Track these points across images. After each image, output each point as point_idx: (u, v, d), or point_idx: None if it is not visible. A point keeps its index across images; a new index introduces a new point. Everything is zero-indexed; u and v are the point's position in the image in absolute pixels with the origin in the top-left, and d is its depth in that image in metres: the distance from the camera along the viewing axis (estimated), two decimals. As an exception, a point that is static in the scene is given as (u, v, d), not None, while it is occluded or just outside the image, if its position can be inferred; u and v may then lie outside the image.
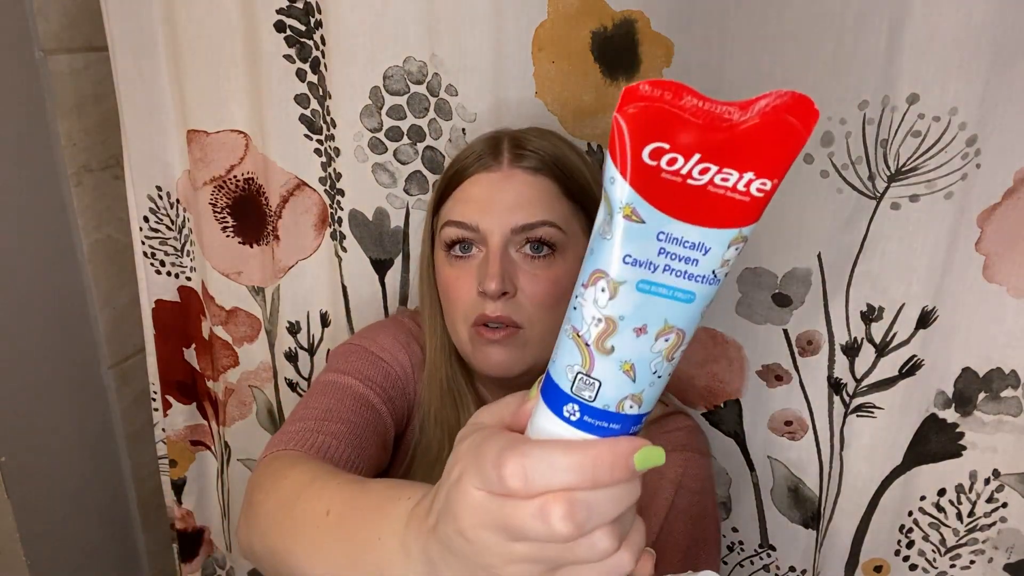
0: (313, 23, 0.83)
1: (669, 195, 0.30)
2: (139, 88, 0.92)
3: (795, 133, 0.28)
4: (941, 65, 0.65)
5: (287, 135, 0.88)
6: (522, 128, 0.70)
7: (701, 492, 0.72)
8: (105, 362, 1.06)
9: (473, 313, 0.66)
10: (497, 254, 0.64)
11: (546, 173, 0.66)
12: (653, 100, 0.29)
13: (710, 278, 0.32)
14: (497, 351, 0.66)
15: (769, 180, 0.29)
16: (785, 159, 0.29)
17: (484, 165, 0.66)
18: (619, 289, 0.31)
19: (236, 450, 1.07)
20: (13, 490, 0.94)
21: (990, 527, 0.81)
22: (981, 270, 0.72)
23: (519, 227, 0.64)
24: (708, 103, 0.29)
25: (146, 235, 0.99)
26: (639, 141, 0.29)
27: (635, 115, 0.29)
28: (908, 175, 0.70)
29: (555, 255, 0.66)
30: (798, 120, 0.28)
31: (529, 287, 0.65)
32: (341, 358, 0.72)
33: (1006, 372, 0.75)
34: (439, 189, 0.70)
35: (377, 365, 0.72)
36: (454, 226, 0.66)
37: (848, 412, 0.80)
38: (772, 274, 0.77)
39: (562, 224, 0.66)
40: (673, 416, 0.75)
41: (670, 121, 0.29)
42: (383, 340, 0.74)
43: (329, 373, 0.71)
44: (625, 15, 0.72)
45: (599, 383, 0.32)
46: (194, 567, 1.16)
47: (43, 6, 0.90)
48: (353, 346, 0.74)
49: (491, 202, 0.65)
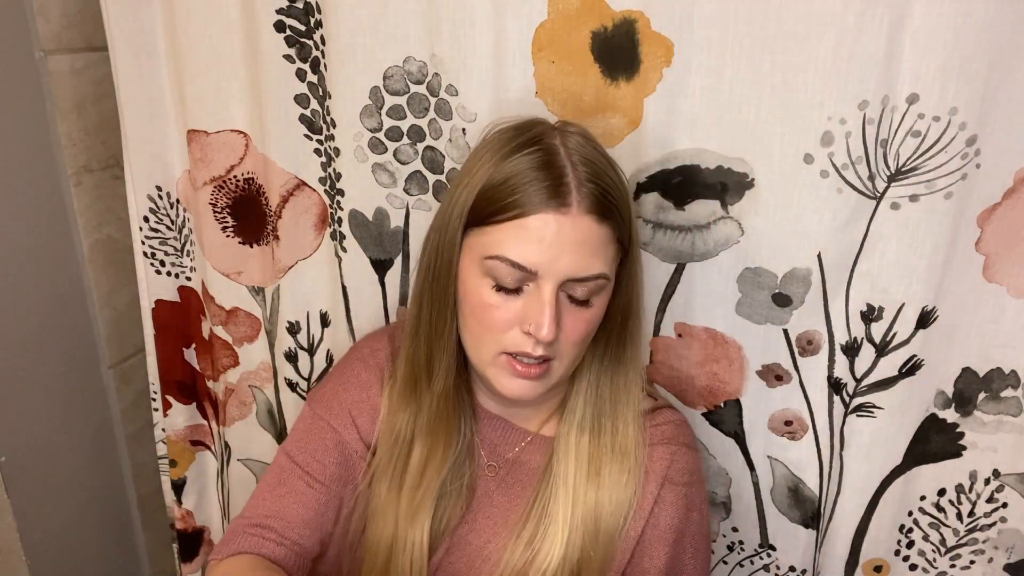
0: (313, 23, 0.83)
1: None
2: (139, 88, 0.92)
3: None
4: (941, 65, 0.65)
5: (287, 135, 0.88)
6: (568, 131, 0.66)
7: (687, 485, 0.74)
8: (105, 362, 1.06)
9: (512, 346, 0.65)
10: (552, 301, 0.63)
11: (610, 219, 0.64)
12: None
13: None
14: (526, 384, 0.66)
15: None
16: None
17: (554, 206, 0.61)
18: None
19: (236, 450, 1.07)
20: (13, 490, 0.94)
21: (990, 527, 0.81)
22: (981, 270, 0.72)
23: (577, 278, 0.63)
24: None
25: (146, 235, 0.99)
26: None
27: None
28: (908, 175, 0.70)
29: (595, 297, 0.66)
30: None
31: (570, 329, 0.65)
32: (301, 435, 0.77)
33: (1006, 372, 0.75)
34: (485, 205, 0.64)
35: (338, 447, 0.75)
36: (511, 265, 0.62)
37: (848, 412, 0.80)
38: (772, 274, 0.77)
39: (610, 272, 0.66)
40: (661, 410, 0.77)
41: None
42: (350, 397, 0.77)
43: (285, 452, 0.76)
44: (625, 15, 0.72)
45: None
46: (194, 567, 1.16)
47: (43, 6, 0.90)
48: (316, 420, 0.77)
49: (556, 248, 0.62)
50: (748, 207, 0.75)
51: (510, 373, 0.66)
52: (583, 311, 0.66)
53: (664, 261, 0.80)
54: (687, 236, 0.78)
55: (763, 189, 0.73)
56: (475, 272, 0.65)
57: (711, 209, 0.76)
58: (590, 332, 0.67)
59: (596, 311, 0.67)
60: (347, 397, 0.77)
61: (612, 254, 0.66)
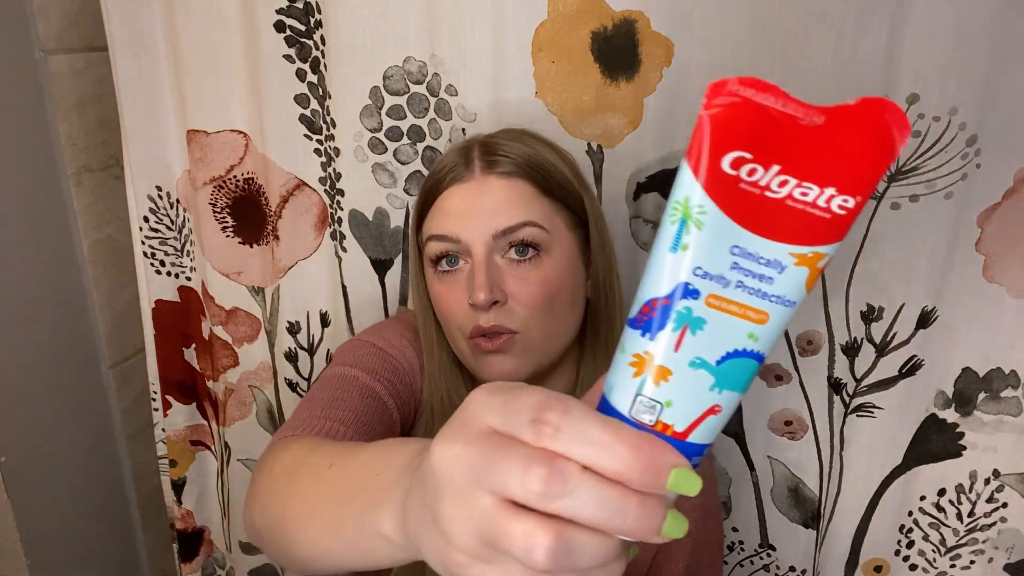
0: (313, 23, 0.83)
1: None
2: (139, 88, 0.92)
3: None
4: (941, 65, 0.65)
5: (287, 135, 0.88)
6: (493, 132, 0.70)
7: (704, 493, 0.73)
8: (105, 362, 1.06)
9: (468, 325, 0.65)
10: (483, 263, 0.64)
11: (520, 175, 0.65)
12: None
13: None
14: (498, 359, 0.65)
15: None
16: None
17: (457, 176, 0.66)
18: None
19: (236, 450, 1.07)
20: (13, 490, 0.94)
21: (990, 527, 0.81)
22: (981, 270, 0.72)
23: (500, 232, 0.64)
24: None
25: (146, 235, 0.99)
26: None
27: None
28: (908, 175, 0.70)
29: (541, 255, 0.65)
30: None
31: (519, 292, 0.64)
32: (347, 352, 0.72)
33: (1006, 372, 0.75)
34: (418, 205, 0.70)
35: (384, 359, 0.71)
36: (436, 240, 0.66)
37: (848, 412, 0.80)
38: (772, 274, 0.77)
39: (544, 223, 0.65)
40: None
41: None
42: (390, 336, 0.74)
43: (335, 367, 0.70)
44: (625, 15, 0.72)
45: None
46: (194, 567, 1.16)
47: (43, 6, 0.90)
48: (359, 341, 0.74)
49: (469, 212, 0.65)
50: (748, 207, 0.75)
51: (481, 352, 0.66)
52: (531, 272, 0.64)
53: (664, 261, 0.80)
54: (687, 236, 0.78)
55: (763, 189, 0.73)
56: (429, 271, 0.69)
57: (711, 209, 0.76)
58: (549, 296, 0.65)
59: (547, 271, 0.65)
60: (392, 337, 0.74)
61: (543, 208, 0.65)
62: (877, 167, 0.26)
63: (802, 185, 0.27)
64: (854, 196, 0.27)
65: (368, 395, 0.67)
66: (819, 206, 0.27)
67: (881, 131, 0.26)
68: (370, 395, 0.67)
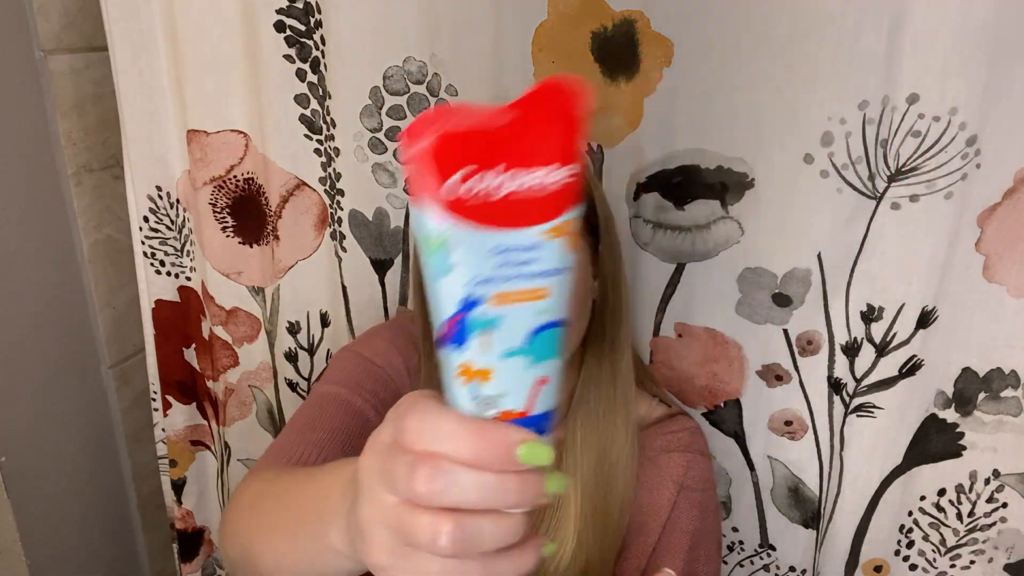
0: (313, 23, 0.83)
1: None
2: (139, 88, 0.92)
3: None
4: (941, 65, 0.65)
5: (287, 135, 0.88)
6: None
7: (703, 491, 0.74)
8: (105, 362, 1.06)
9: None
10: None
11: None
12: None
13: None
14: None
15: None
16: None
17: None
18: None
19: (236, 450, 1.07)
20: (13, 490, 0.94)
21: (990, 527, 0.81)
22: (981, 270, 0.72)
23: None
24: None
25: (146, 235, 0.99)
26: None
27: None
28: (908, 175, 0.70)
29: None
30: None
31: None
32: (334, 366, 0.74)
33: (1006, 372, 0.75)
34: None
35: (368, 370, 0.72)
36: None
37: (848, 412, 0.80)
38: (772, 274, 0.77)
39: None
40: (676, 417, 0.77)
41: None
42: (377, 344, 0.74)
43: (320, 384, 0.72)
44: (625, 15, 0.72)
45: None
46: (194, 567, 1.16)
47: (43, 6, 0.90)
48: (346, 352, 0.75)
49: None
50: (748, 207, 0.75)
51: None
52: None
53: (664, 261, 0.80)
54: (687, 236, 0.78)
55: (763, 189, 0.73)
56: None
57: (711, 209, 0.76)
58: None
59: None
60: (379, 345, 0.75)
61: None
62: (575, 132, 0.30)
63: (529, 172, 0.30)
64: (574, 163, 0.30)
65: (348, 412, 0.69)
66: (550, 183, 0.30)
67: (561, 101, 0.29)
68: (349, 411, 0.69)
